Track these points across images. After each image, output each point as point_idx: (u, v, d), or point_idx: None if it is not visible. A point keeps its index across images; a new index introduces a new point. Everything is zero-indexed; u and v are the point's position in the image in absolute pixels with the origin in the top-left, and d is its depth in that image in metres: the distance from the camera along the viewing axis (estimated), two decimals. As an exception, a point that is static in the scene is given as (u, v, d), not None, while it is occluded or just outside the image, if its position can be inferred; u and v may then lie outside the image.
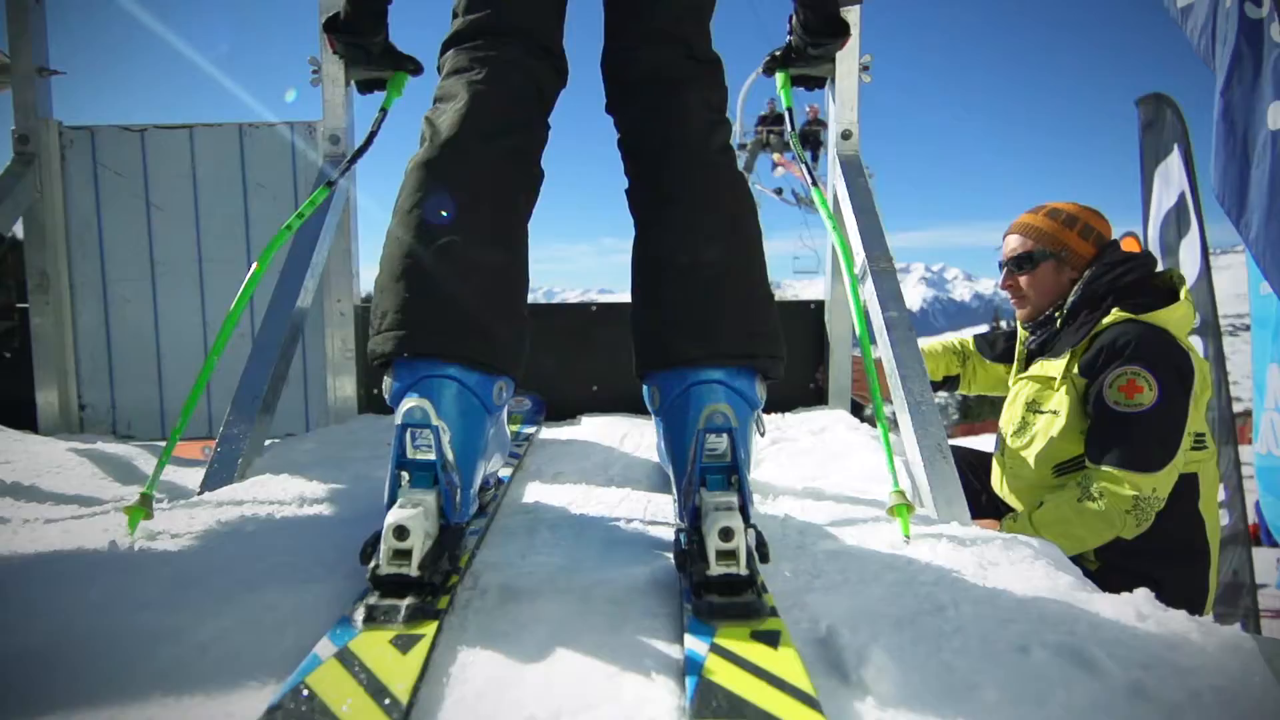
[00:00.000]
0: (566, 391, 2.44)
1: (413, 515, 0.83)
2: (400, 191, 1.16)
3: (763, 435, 1.17)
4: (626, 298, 1.31)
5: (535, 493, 1.50)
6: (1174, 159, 4.39)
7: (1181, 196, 4.28)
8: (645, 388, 1.20)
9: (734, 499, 0.90)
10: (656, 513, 1.38)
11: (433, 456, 0.89)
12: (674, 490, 1.35)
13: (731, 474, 0.94)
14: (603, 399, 2.45)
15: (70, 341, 2.42)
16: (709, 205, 1.20)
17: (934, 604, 0.97)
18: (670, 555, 1.10)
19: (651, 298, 1.20)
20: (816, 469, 1.76)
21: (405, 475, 0.91)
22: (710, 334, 1.10)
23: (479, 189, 1.16)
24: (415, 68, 2.12)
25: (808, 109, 13.44)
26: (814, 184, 1.87)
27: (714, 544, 0.84)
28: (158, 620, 0.87)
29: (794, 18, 1.99)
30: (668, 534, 1.25)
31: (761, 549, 0.89)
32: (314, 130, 2.38)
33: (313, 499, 1.42)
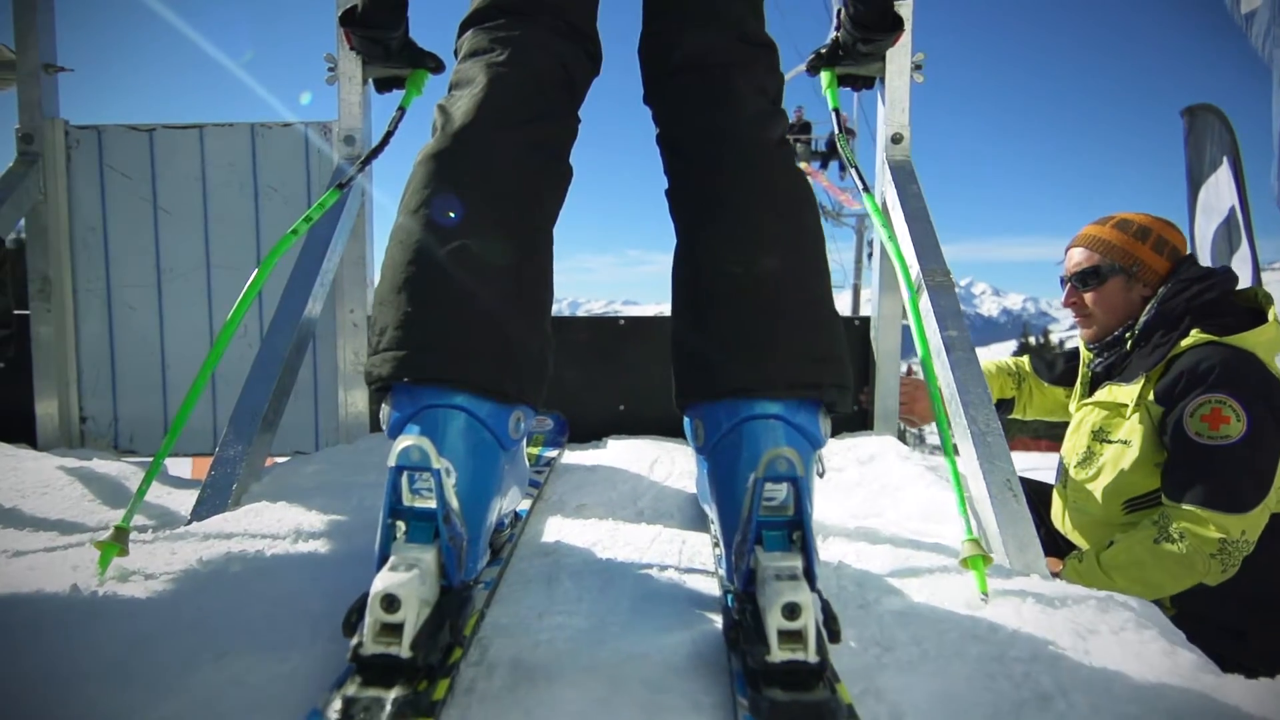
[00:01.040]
0: (591, 411, 2.29)
1: (405, 581, 0.67)
2: (406, 188, 1.01)
3: (822, 476, 1.00)
4: (654, 309, 1.15)
5: (557, 529, 1.34)
6: (1223, 171, 4.19)
7: (1231, 210, 4.08)
8: (687, 420, 1.03)
9: (798, 563, 0.73)
10: (693, 557, 1.22)
11: (433, 505, 0.73)
12: (717, 538, 1.19)
13: (794, 530, 0.78)
14: (630, 419, 2.29)
15: (72, 350, 2.31)
16: (765, 206, 1.03)
17: (1036, 691, 0.80)
18: (714, 618, 0.94)
19: (697, 314, 1.02)
20: (867, 504, 1.59)
21: (401, 525, 0.76)
22: (767, 359, 0.93)
23: (497, 186, 1.01)
24: (436, 65, 2.00)
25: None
26: (865, 189, 1.71)
27: (776, 622, 0.68)
28: (100, 699, 0.72)
29: (842, 11, 1.84)
30: (707, 585, 1.08)
31: (831, 625, 0.72)
32: (329, 131, 2.25)
33: (309, 532, 1.28)
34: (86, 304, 2.31)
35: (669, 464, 1.82)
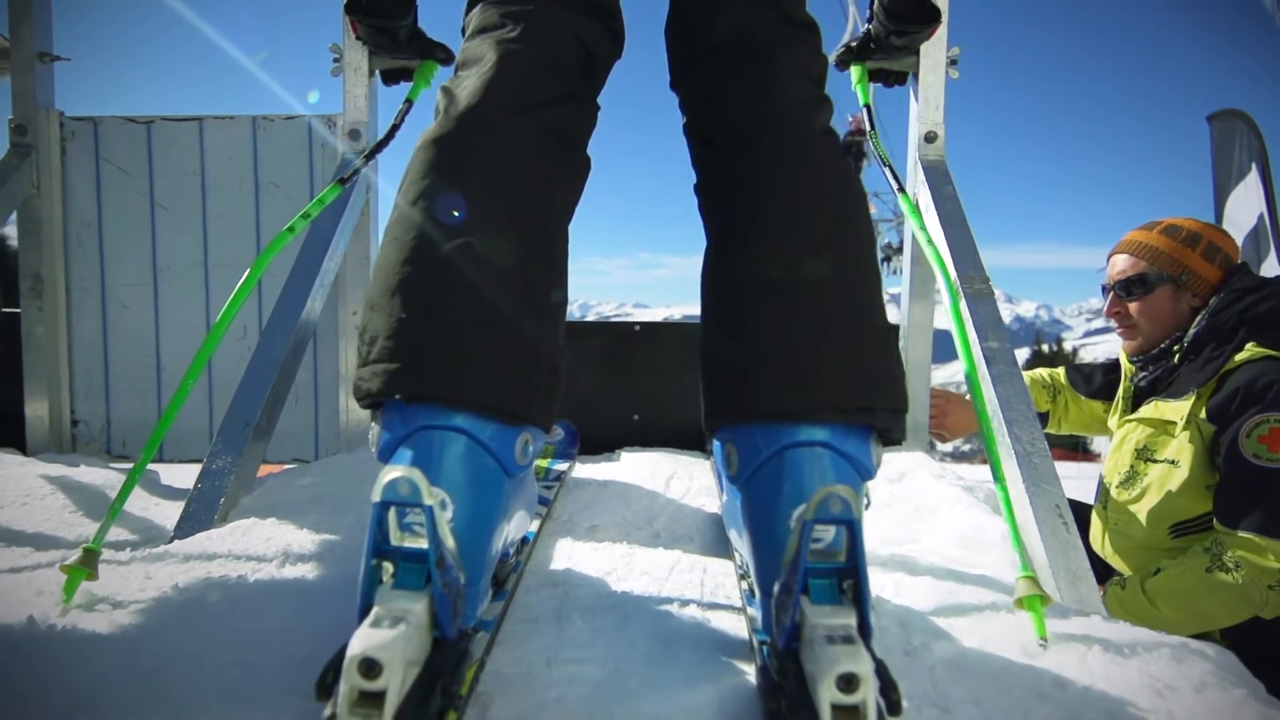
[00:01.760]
0: (604, 420, 2.18)
1: (389, 642, 0.57)
2: (404, 178, 0.90)
3: (868, 509, 0.89)
4: (664, 313, 1.03)
5: (567, 554, 1.23)
6: (1252, 179, 4.08)
7: (1260, 219, 3.96)
8: (717, 444, 0.91)
9: (852, 620, 0.62)
10: (716, 589, 1.11)
11: (425, 545, 0.63)
12: (743, 569, 1.08)
13: (846, 578, 0.67)
14: (644, 430, 2.18)
15: (64, 351, 2.21)
16: (812, 202, 0.91)
17: (1124, 769, 0.69)
18: (743, 667, 0.83)
19: (732, 324, 0.90)
20: (901, 529, 1.48)
21: (389, 567, 0.65)
22: (814, 377, 0.82)
23: (506, 175, 0.90)
24: (446, 56, 1.91)
25: (850, 119, 13.07)
26: (900, 189, 1.60)
27: (829, 695, 0.57)
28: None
29: (875, 2, 1.73)
30: (733, 624, 0.97)
31: (891, 694, 0.61)
32: (334, 124, 2.15)
33: (299, 554, 1.17)
34: (80, 303, 2.22)
35: (686, 480, 1.71)
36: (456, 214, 0.85)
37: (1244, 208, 4.10)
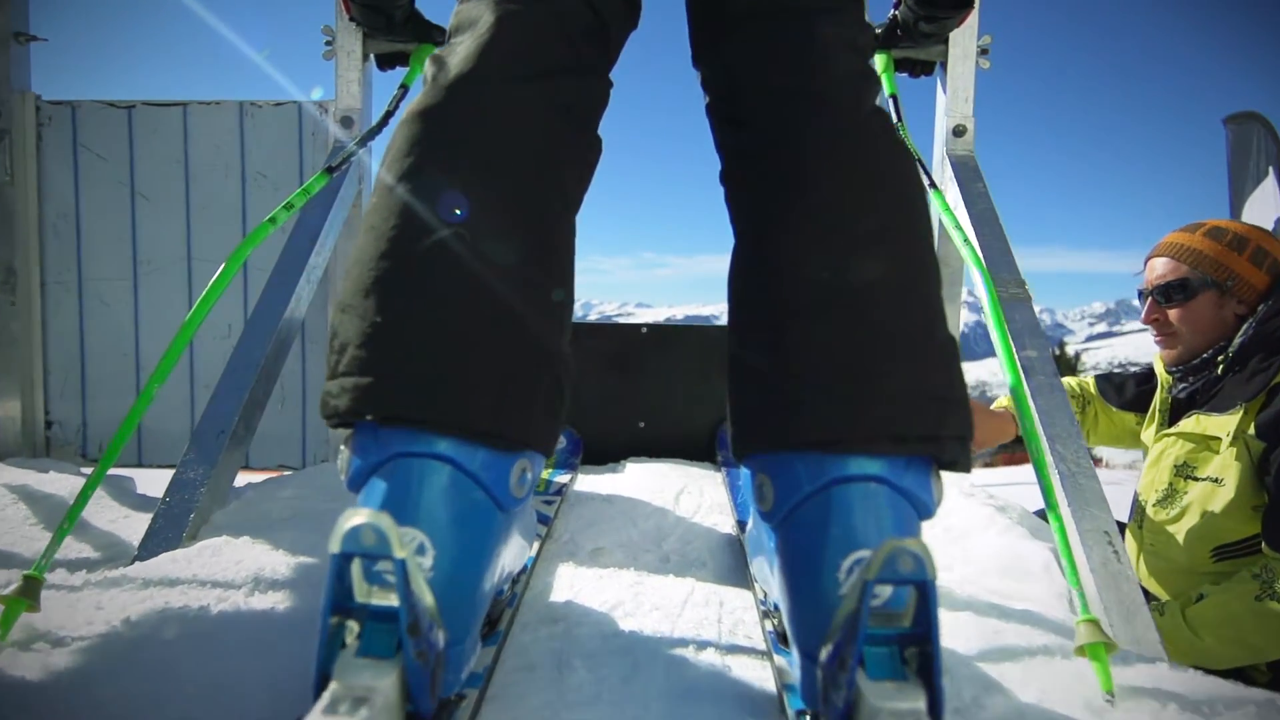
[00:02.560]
0: (608, 428, 2.06)
1: (346, 734, 0.45)
2: (384, 157, 0.78)
3: None
4: (666, 311, 0.90)
5: (569, 584, 1.11)
6: (1269, 183, 4.00)
7: (1278, 223, 3.86)
8: (748, 472, 0.79)
9: (922, 704, 0.51)
10: (735, 627, 0.99)
11: (396, 603, 0.51)
12: (767, 607, 0.96)
13: (908, 646, 0.55)
14: (651, 439, 2.06)
15: (38, 349, 2.09)
16: (864, 190, 0.78)
17: None
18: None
19: (767, 334, 0.77)
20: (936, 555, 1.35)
21: (353, 627, 0.54)
22: (868, 397, 0.69)
23: (505, 155, 0.77)
24: (444, 40, 1.80)
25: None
26: (932, 185, 1.48)
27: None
28: None
29: None
30: (758, 672, 0.85)
31: None
32: (326, 112, 2.03)
33: (270, 580, 1.06)
34: (55, 298, 2.10)
35: (696, 495, 1.59)
36: (444, 200, 0.73)
37: (1261, 212, 3.99)
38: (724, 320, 0.92)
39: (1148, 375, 2.12)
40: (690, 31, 0.98)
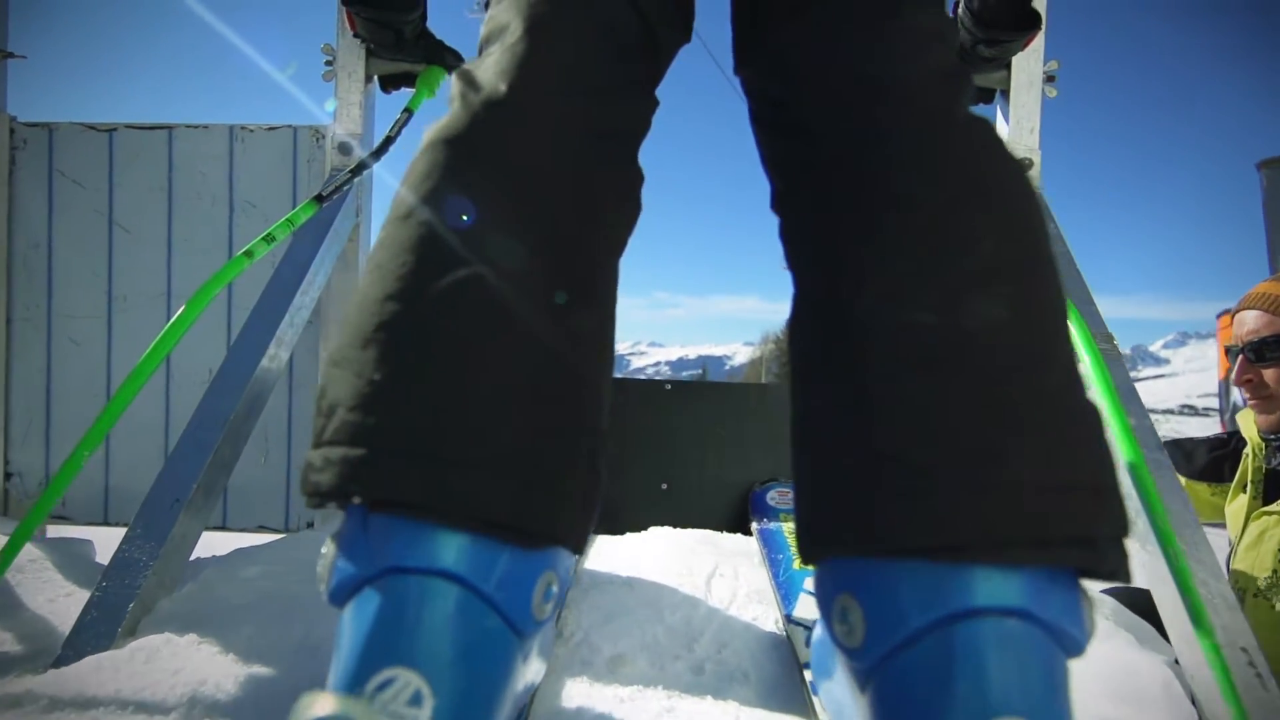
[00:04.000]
0: (627, 490, 1.85)
1: None
2: (402, 184, 0.61)
3: None
4: (679, 351, 0.71)
5: (582, 706, 0.89)
6: (1310, 228, 3.97)
7: (1317, 271, 3.74)
8: (819, 586, 0.58)
9: None
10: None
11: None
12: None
13: None
14: (674, 503, 1.85)
15: (1, 391, 1.90)
16: (976, 213, 0.58)
17: None
18: None
19: (850, 395, 0.56)
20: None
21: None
22: (994, 484, 0.49)
23: (543, 190, 0.61)
24: (456, 61, 1.65)
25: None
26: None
27: None
28: None
29: (960, 4, 1.44)
30: None
31: None
32: (322, 137, 1.86)
33: (209, 701, 0.85)
34: (22, 336, 1.91)
35: (731, 578, 1.37)
36: (468, 236, 0.56)
37: (1301, 257, 3.92)
38: (738, 360, 0.72)
39: (1221, 442, 1.91)
40: (735, 31, 0.80)
